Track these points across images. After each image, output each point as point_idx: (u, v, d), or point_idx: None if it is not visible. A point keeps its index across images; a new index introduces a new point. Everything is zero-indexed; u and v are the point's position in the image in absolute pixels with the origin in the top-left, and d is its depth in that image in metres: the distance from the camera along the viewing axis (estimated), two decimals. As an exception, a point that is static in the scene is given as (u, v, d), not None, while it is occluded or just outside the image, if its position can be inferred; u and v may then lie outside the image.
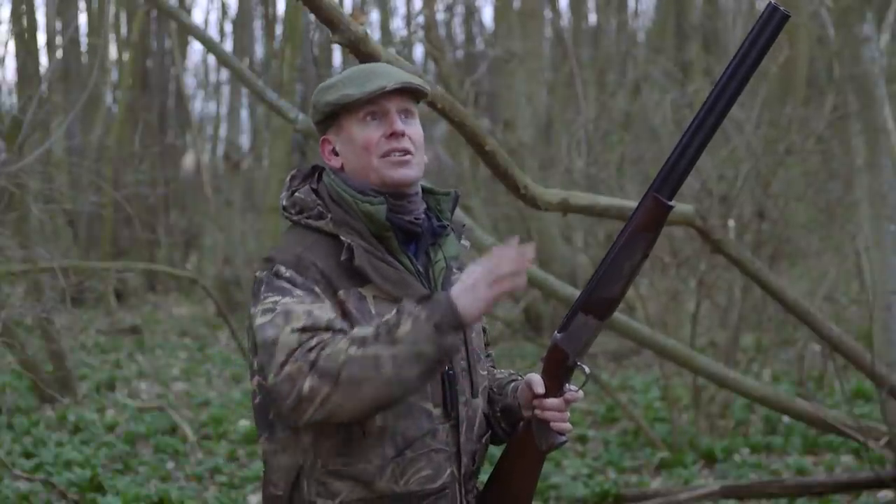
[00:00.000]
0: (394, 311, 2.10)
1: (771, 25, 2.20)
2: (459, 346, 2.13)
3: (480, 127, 4.17)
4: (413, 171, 2.28)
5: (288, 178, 2.35)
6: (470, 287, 2.10)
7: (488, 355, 2.49)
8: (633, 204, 5.04)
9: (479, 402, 2.35)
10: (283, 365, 2.07)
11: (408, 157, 2.27)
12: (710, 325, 8.79)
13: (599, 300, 2.25)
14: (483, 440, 2.38)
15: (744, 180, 7.87)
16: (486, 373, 2.41)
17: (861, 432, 5.50)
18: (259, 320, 2.15)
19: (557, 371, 2.31)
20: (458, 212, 2.96)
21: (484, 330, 2.48)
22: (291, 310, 2.12)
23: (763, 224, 8.01)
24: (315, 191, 2.30)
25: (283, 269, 2.18)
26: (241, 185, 16.68)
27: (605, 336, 10.92)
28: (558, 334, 2.30)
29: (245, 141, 19.33)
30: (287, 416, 2.11)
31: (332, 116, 2.30)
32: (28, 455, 7.08)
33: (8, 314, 6.07)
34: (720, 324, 8.42)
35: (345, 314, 2.18)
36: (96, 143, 14.60)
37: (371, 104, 2.26)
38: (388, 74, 2.29)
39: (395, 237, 2.26)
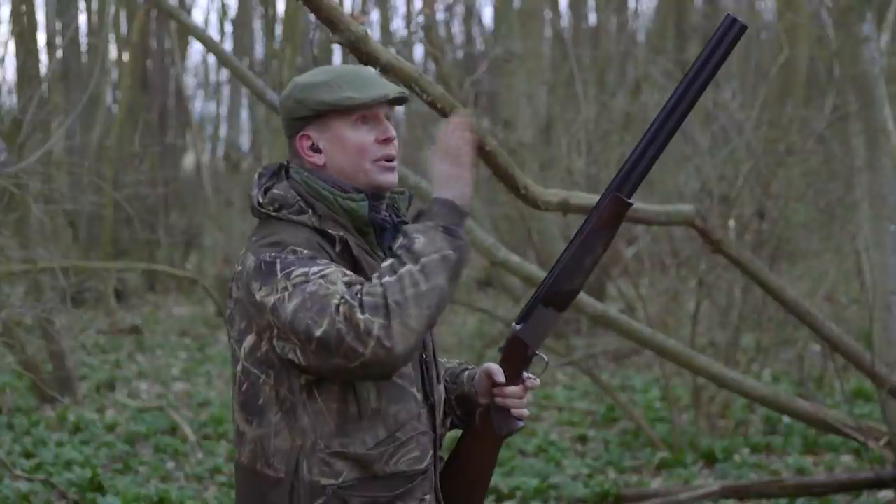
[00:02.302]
0: (400, 238, 2.17)
1: (729, 36, 2.31)
2: (469, 243, 2.21)
3: (481, 127, 4.17)
4: (396, 176, 2.38)
5: (256, 176, 2.39)
6: (443, 178, 2.22)
7: None
8: (633, 203, 5.05)
9: (442, 388, 2.45)
10: (338, 307, 2.11)
11: (394, 163, 2.36)
12: (710, 325, 8.78)
13: (560, 293, 2.35)
14: (446, 424, 2.49)
15: (744, 180, 7.87)
16: (442, 360, 2.51)
17: (861, 432, 5.50)
18: (292, 290, 2.16)
19: (517, 360, 2.40)
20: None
21: None
22: (328, 273, 2.16)
23: (763, 224, 8.01)
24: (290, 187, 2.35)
25: (298, 248, 2.22)
26: (241, 185, 16.66)
27: (605, 336, 10.92)
28: (517, 325, 2.39)
29: (245, 141, 19.32)
30: (348, 359, 2.12)
31: (319, 114, 2.34)
32: (28, 455, 7.08)
33: (8, 314, 6.07)
34: (720, 324, 8.42)
35: None
36: (96, 143, 14.59)
37: (364, 108, 2.33)
38: (381, 81, 2.37)
39: (374, 233, 2.35)
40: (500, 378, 2.39)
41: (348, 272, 2.19)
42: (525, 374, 2.41)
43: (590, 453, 7.42)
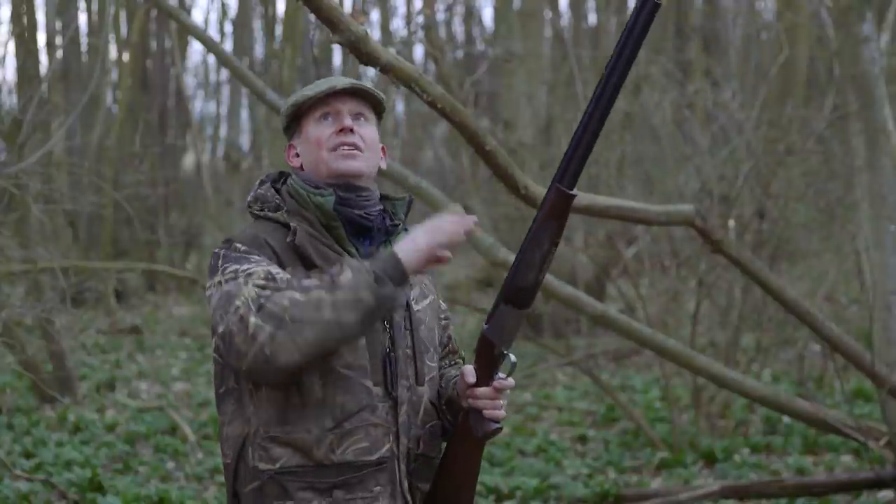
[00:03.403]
0: (337, 265, 2.26)
1: (644, 14, 2.30)
2: (399, 300, 2.26)
3: (481, 127, 4.17)
4: (359, 163, 2.47)
5: (257, 182, 2.56)
6: (411, 239, 2.28)
7: (453, 354, 2.65)
8: (633, 203, 5.06)
9: (425, 391, 2.47)
10: (237, 308, 2.22)
11: (355, 151, 2.46)
12: (710, 325, 8.78)
13: (517, 290, 2.37)
14: (428, 427, 2.48)
15: (744, 180, 7.87)
16: (434, 364, 2.52)
17: (861, 432, 5.50)
18: (219, 287, 2.30)
19: (486, 361, 2.41)
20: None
21: (450, 338, 2.65)
22: (253, 272, 2.28)
23: (763, 224, 8.01)
24: (276, 189, 2.51)
25: (239, 244, 2.38)
26: (241, 185, 16.66)
27: (605, 336, 10.91)
28: (485, 325, 2.42)
29: (245, 141, 19.34)
30: (237, 359, 2.23)
31: (295, 120, 2.52)
32: (28, 455, 7.08)
33: (8, 314, 6.07)
34: (720, 324, 8.42)
35: None
36: (96, 143, 14.59)
37: (325, 105, 2.48)
38: (337, 79, 2.52)
39: (344, 229, 2.43)
40: (471, 378, 2.41)
41: (279, 270, 2.29)
42: (497, 375, 2.42)
43: (590, 453, 7.42)
